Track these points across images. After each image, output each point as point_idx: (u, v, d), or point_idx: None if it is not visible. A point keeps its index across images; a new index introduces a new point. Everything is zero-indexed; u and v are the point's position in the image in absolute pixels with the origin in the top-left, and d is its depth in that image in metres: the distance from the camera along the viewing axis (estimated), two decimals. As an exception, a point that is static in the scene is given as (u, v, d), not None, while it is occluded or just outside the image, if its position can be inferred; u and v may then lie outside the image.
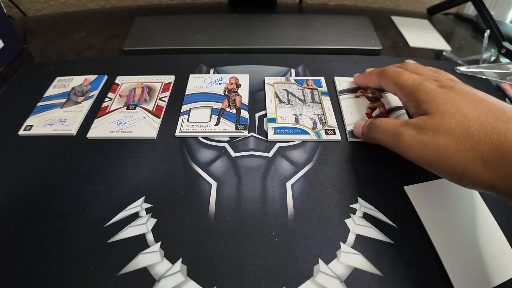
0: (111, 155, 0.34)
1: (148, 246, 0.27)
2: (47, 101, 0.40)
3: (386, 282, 0.25)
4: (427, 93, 0.28)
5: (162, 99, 0.40)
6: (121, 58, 0.48)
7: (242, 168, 0.32)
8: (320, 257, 0.26)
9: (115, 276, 0.25)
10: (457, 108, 0.26)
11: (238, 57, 0.47)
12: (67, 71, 0.44)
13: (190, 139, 0.35)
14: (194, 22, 0.54)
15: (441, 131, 0.25)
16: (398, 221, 0.29)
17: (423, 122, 0.27)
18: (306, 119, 0.37)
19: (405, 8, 0.74)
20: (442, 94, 0.27)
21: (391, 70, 0.34)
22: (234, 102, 0.39)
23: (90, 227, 0.28)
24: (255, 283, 0.25)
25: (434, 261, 0.26)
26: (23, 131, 0.36)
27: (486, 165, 0.23)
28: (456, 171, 0.24)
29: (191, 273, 0.25)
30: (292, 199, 0.30)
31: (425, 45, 0.53)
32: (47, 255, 0.26)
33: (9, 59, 0.48)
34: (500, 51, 0.47)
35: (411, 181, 0.32)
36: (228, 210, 0.29)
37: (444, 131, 0.25)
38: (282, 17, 0.57)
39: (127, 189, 0.31)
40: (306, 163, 0.33)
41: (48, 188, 0.31)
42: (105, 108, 0.39)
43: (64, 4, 0.70)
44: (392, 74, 0.33)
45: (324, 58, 0.47)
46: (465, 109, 0.25)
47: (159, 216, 0.29)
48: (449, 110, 0.26)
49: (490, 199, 0.30)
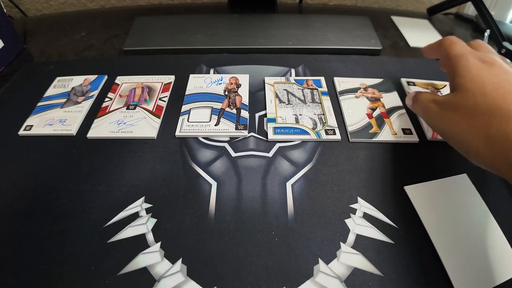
0: (111, 155, 0.34)
1: (148, 246, 0.27)
2: (47, 101, 0.40)
3: (386, 282, 0.25)
4: (463, 67, 0.29)
5: (162, 99, 0.40)
6: (121, 58, 0.48)
7: (242, 168, 0.32)
8: (320, 257, 0.26)
9: (115, 276, 0.25)
10: (481, 87, 0.26)
11: (238, 57, 0.47)
12: (67, 71, 0.44)
13: (190, 139, 0.35)
14: (194, 22, 0.54)
15: (459, 109, 0.27)
16: (398, 221, 0.29)
17: (447, 99, 0.29)
18: (306, 119, 0.37)
19: (405, 8, 0.74)
20: (477, 70, 0.28)
21: (449, 38, 0.34)
22: (234, 102, 0.39)
23: (90, 227, 0.28)
24: (255, 283, 0.25)
25: (434, 261, 0.26)
26: (23, 131, 0.36)
27: (489, 145, 0.24)
28: (464, 146, 0.27)
29: (191, 273, 0.25)
30: (292, 199, 0.30)
31: (425, 45, 0.52)
32: (47, 255, 0.26)
33: (9, 59, 0.48)
34: (500, 51, 0.47)
35: (411, 181, 0.32)
36: (228, 210, 0.29)
37: (461, 110, 0.27)
38: (282, 17, 0.57)
39: (127, 189, 0.31)
40: (306, 163, 0.33)
41: (48, 188, 0.31)
42: (105, 108, 0.39)
43: (64, 4, 0.70)
44: (447, 42, 0.33)
45: (324, 58, 0.47)
46: (488, 89, 0.26)
47: (159, 216, 0.29)
48: (473, 89, 0.27)
49: (490, 199, 0.30)
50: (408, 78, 0.44)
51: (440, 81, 0.43)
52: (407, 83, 0.43)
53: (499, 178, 0.32)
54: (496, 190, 0.31)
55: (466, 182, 0.32)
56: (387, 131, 0.36)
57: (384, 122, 0.37)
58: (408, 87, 0.42)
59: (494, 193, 0.31)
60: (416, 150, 0.35)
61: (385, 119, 0.38)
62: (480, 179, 0.32)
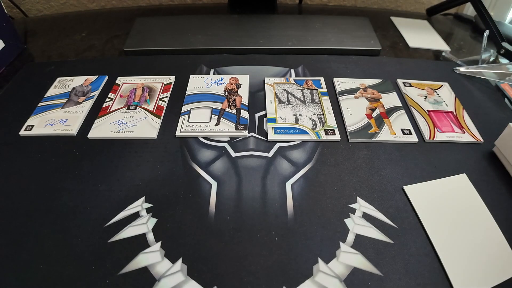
0: (112, 155, 0.34)
1: (149, 245, 0.27)
2: (48, 101, 0.40)
3: (385, 282, 0.25)
4: None
5: (162, 100, 0.40)
6: (122, 59, 0.48)
7: (242, 168, 0.33)
8: (319, 256, 0.26)
9: (115, 275, 0.25)
10: None
11: (238, 57, 0.47)
12: (68, 72, 0.44)
13: (190, 139, 0.35)
14: (195, 22, 0.54)
15: None
16: (398, 221, 0.29)
17: None
18: (306, 119, 0.37)
19: (405, 9, 0.74)
20: None
21: None
22: (234, 102, 0.39)
23: (91, 226, 0.28)
24: (255, 282, 0.25)
25: (434, 261, 0.26)
26: (24, 131, 0.36)
27: None
28: None
29: (191, 272, 0.25)
30: (292, 199, 0.30)
31: (424, 46, 0.53)
32: (47, 255, 0.26)
33: (10, 60, 0.48)
34: (499, 52, 0.47)
35: (410, 181, 0.32)
36: (228, 210, 0.29)
37: None
38: (282, 18, 0.57)
39: (128, 189, 0.31)
40: (306, 163, 0.33)
41: (49, 188, 0.31)
42: (106, 109, 0.39)
43: (64, 5, 0.70)
44: None
45: (324, 59, 0.47)
46: None
47: (159, 216, 0.29)
48: None
49: (490, 199, 0.31)
50: (404, 79, 0.44)
51: (437, 82, 0.44)
52: (403, 84, 0.43)
53: (499, 178, 0.33)
54: (495, 190, 0.32)
55: (466, 182, 0.32)
56: (386, 131, 0.36)
57: (384, 122, 0.37)
58: (405, 88, 0.42)
59: (494, 193, 0.31)
60: (415, 150, 0.35)
61: (385, 119, 0.38)
62: (479, 179, 0.32)
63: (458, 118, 0.38)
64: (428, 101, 0.41)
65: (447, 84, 0.43)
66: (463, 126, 0.37)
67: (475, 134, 0.37)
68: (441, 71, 0.46)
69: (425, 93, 0.42)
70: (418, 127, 0.37)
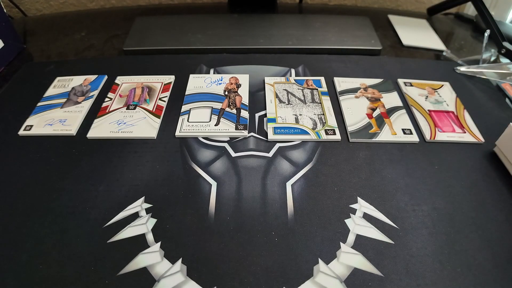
0: (111, 155, 0.34)
1: (148, 246, 0.27)
2: (47, 101, 0.40)
3: (386, 283, 0.25)
4: None
5: (162, 99, 0.40)
6: (121, 58, 0.48)
7: (242, 168, 0.32)
8: (320, 257, 0.26)
9: (115, 276, 0.25)
10: None
11: (238, 57, 0.47)
12: (67, 71, 0.44)
13: (190, 139, 0.35)
14: (194, 22, 0.54)
15: None
16: (399, 221, 0.29)
17: None
18: (306, 119, 0.37)
19: (405, 8, 0.73)
20: None
21: None
22: (234, 102, 0.39)
23: (90, 227, 0.28)
24: (255, 283, 0.25)
25: (434, 261, 0.26)
26: (23, 131, 0.36)
27: None
28: None
29: (191, 273, 0.25)
30: (292, 199, 0.30)
31: (418, 44, 0.52)
32: (47, 255, 0.26)
33: (9, 59, 0.48)
34: (500, 51, 0.47)
35: (410, 181, 0.32)
36: (228, 210, 0.29)
37: None
38: (282, 17, 0.57)
39: (127, 189, 0.31)
40: (306, 163, 0.33)
41: (48, 188, 0.31)
42: (105, 108, 0.39)
43: (64, 4, 0.70)
44: None
45: (324, 58, 0.47)
46: None
47: (159, 216, 0.29)
48: None
49: (491, 199, 0.30)
50: (405, 79, 0.44)
51: (438, 82, 0.43)
52: (404, 83, 0.43)
53: (500, 178, 0.32)
54: (496, 190, 0.31)
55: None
56: (387, 131, 0.36)
57: (384, 122, 0.37)
58: (405, 87, 0.42)
59: (495, 193, 0.31)
60: (416, 150, 0.35)
61: (385, 119, 0.38)
62: (480, 179, 0.32)
63: (459, 118, 0.38)
64: (429, 101, 0.40)
65: (448, 84, 0.43)
66: (464, 126, 0.37)
67: (476, 134, 0.36)
68: (442, 71, 0.46)
69: (426, 92, 0.42)
70: (419, 127, 0.37)
